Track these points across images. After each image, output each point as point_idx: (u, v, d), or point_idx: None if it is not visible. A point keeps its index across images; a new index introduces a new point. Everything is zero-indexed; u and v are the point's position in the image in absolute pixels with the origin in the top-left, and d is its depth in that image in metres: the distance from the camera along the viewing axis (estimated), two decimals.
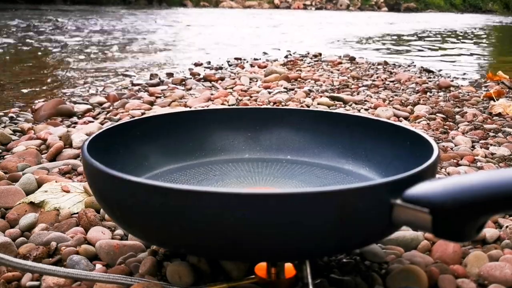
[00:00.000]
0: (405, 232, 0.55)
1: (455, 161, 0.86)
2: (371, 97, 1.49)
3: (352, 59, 2.54)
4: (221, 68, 2.26)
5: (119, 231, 0.58)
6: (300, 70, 2.09)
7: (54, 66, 2.33)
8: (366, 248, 0.51)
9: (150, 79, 1.89)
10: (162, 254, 0.51)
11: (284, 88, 1.61)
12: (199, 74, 1.99)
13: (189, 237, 0.38)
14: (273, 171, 0.62)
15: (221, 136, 0.66)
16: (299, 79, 1.82)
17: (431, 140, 0.49)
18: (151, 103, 1.39)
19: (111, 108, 1.34)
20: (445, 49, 3.78)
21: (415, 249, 0.54)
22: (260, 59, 2.64)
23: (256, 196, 0.35)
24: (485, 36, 5.73)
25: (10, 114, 1.25)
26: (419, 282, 0.46)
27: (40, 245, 0.54)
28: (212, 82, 1.79)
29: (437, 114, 1.23)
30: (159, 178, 0.58)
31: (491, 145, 0.98)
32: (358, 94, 1.54)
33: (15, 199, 0.67)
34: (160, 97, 1.50)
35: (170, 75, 2.02)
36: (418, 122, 1.16)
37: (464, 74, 2.31)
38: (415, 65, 2.47)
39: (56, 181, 0.72)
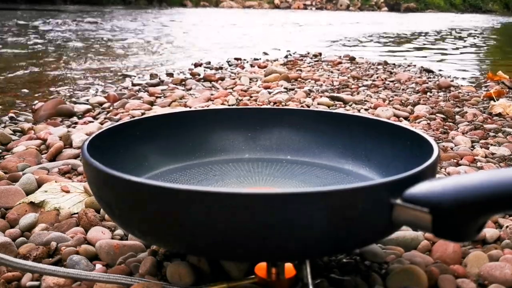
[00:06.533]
0: (405, 232, 0.55)
1: (455, 161, 0.86)
2: (371, 97, 1.49)
3: (352, 59, 2.54)
4: (221, 68, 2.26)
5: (119, 231, 0.58)
6: (300, 70, 2.09)
7: (54, 66, 2.33)
8: (366, 248, 0.51)
9: (150, 79, 1.90)
10: (162, 254, 0.51)
11: (284, 88, 1.61)
12: (199, 74, 1.99)
13: (189, 237, 0.38)
14: (273, 171, 0.62)
15: (221, 136, 0.66)
16: (299, 79, 1.82)
17: (431, 140, 0.49)
18: (151, 103, 1.39)
19: (111, 108, 1.34)
20: (445, 49, 3.78)
21: (415, 249, 0.54)
22: (260, 59, 2.64)
23: (256, 196, 0.35)
24: (485, 36, 5.73)
25: (10, 114, 1.25)
26: (419, 282, 0.46)
27: (40, 245, 0.54)
28: (212, 82, 1.79)
29: (437, 114, 1.23)
30: (159, 178, 0.58)
31: (491, 145, 0.98)
32: (358, 94, 1.54)
33: (15, 199, 0.67)
34: (160, 97, 1.50)
35: (170, 75, 2.02)
36: (418, 122, 1.16)
37: (464, 74, 2.31)
38: (415, 65, 2.47)
39: (56, 181, 0.72)
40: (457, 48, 3.85)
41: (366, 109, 1.30)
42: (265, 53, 2.96)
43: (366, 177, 0.58)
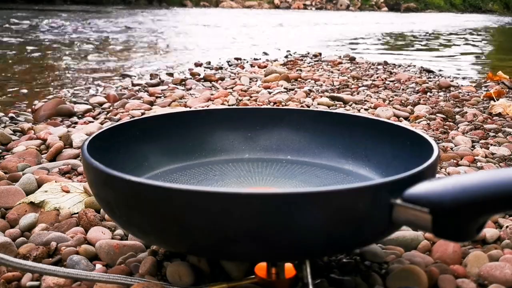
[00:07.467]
0: (405, 232, 0.55)
1: (455, 161, 0.86)
2: (371, 97, 1.49)
3: (352, 59, 2.54)
4: (221, 68, 2.26)
5: (119, 231, 0.58)
6: (300, 70, 2.09)
7: (54, 66, 2.33)
8: (366, 248, 0.51)
9: (150, 79, 1.90)
10: (162, 254, 0.51)
11: (284, 88, 1.61)
12: (199, 74, 1.99)
13: (189, 237, 0.38)
14: (273, 171, 0.62)
15: (221, 136, 0.66)
16: (299, 79, 1.82)
17: (431, 140, 0.49)
18: (151, 103, 1.39)
19: (111, 108, 1.34)
20: (445, 49, 3.77)
21: (415, 249, 0.54)
22: (260, 59, 2.64)
23: (256, 196, 0.35)
24: (485, 36, 5.73)
25: (10, 114, 1.25)
26: (419, 282, 0.46)
27: (40, 245, 0.54)
28: (212, 82, 1.79)
29: (437, 114, 1.23)
30: (159, 178, 0.58)
31: (491, 145, 0.98)
32: (358, 94, 1.54)
33: (15, 199, 0.67)
34: (160, 97, 1.50)
35: (170, 75, 2.02)
36: (418, 122, 1.16)
37: (464, 74, 2.31)
38: (415, 65, 2.47)
39: (56, 181, 0.72)
40: (457, 48, 3.85)
41: (366, 109, 1.30)
42: (265, 53, 2.96)
43: (366, 177, 0.58)
